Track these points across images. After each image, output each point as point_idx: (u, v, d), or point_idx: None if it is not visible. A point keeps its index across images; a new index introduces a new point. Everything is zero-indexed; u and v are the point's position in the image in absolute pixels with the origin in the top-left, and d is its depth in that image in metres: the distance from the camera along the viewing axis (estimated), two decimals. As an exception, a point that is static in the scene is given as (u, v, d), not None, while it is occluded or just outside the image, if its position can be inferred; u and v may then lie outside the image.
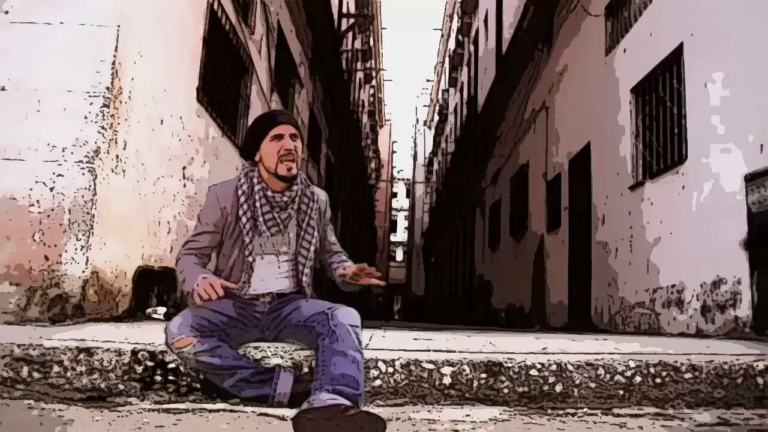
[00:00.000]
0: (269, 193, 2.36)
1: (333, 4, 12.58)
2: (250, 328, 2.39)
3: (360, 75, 23.15)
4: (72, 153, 3.52)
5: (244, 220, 2.34)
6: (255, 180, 2.38)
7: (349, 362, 2.04)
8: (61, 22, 3.65)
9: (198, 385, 2.28)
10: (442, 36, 31.91)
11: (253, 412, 2.11)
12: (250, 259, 2.36)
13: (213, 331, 2.22)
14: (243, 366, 2.23)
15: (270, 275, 2.41)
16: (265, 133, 2.36)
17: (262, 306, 2.40)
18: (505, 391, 2.33)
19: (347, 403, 1.90)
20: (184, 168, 4.91)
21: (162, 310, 4.21)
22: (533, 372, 2.34)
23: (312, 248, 2.44)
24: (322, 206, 2.53)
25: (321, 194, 2.55)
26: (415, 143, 44.72)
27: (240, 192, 2.37)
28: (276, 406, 2.18)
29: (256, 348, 2.35)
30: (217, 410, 2.14)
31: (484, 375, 2.33)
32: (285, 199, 2.38)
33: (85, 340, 2.41)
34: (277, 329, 2.41)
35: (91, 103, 3.57)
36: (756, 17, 4.24)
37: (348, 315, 2.19)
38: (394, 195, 48.03)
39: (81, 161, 3.52)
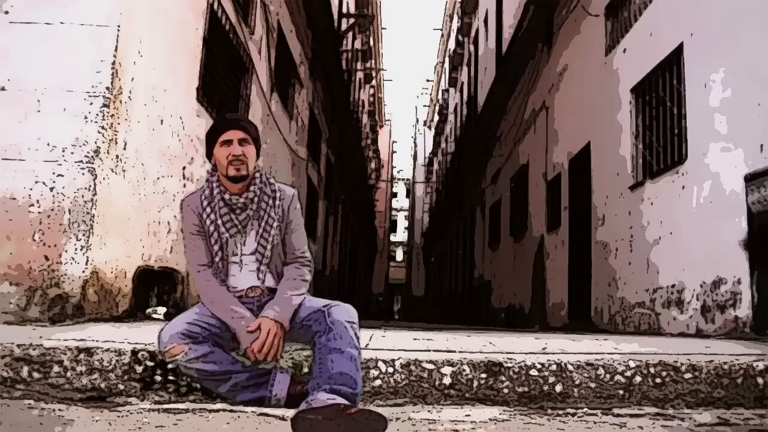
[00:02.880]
0: (227, 196, 2.37)
1: (333, 4, 12.57)
2: None
3: (360, 75, 23.14)
4: (72, 153, 3.52)
5: (207, 222, 2.36)
6: (214, 185, 2.40)
7: (346, 359, 2.03)
8: (61, 22, 3.65)
9: (198, 385, 2.28)
10: (442, 36, 31.90)
11: (253, 412, 2.11)
12: (219, 260, 2.36)
13: (206, 336, 2.21)
14: (237, 370, 2.21)
15: (243, 275, 2.38)
16: (215, 140, 2.38)
17: (250, 303, 2.35)
18: (505, 391, 2.33)
19: (346, 402, 1.89)
20: (184, 168, 4.91)
21: (162, 310, 4.21)
22: (533, 372, 2.34)
23: (269, 246, 2.38)
24: (285, 204, 2.44)
25: (287, 190, 2.49)
26: (415, 143, 44.69)
27: (203, 197, 2.40)
28: (273, 407, 2.18)
29: (255, 348, 2.34)
30: (217, 410, 2.14)
31: (484, 375, 2.33)
32: (243, 200, 2.37)
33: (85, 340, 2.41)
34: None
35: (91, 103, 3.57)
36: (756, 17, 4.24)
37: (345, 312, 2.18)
38: (394, 195, 47.97)
39: (81, 161, 3.51)
